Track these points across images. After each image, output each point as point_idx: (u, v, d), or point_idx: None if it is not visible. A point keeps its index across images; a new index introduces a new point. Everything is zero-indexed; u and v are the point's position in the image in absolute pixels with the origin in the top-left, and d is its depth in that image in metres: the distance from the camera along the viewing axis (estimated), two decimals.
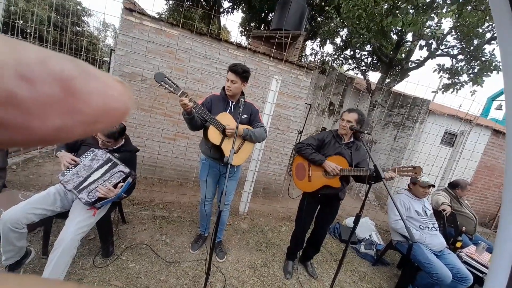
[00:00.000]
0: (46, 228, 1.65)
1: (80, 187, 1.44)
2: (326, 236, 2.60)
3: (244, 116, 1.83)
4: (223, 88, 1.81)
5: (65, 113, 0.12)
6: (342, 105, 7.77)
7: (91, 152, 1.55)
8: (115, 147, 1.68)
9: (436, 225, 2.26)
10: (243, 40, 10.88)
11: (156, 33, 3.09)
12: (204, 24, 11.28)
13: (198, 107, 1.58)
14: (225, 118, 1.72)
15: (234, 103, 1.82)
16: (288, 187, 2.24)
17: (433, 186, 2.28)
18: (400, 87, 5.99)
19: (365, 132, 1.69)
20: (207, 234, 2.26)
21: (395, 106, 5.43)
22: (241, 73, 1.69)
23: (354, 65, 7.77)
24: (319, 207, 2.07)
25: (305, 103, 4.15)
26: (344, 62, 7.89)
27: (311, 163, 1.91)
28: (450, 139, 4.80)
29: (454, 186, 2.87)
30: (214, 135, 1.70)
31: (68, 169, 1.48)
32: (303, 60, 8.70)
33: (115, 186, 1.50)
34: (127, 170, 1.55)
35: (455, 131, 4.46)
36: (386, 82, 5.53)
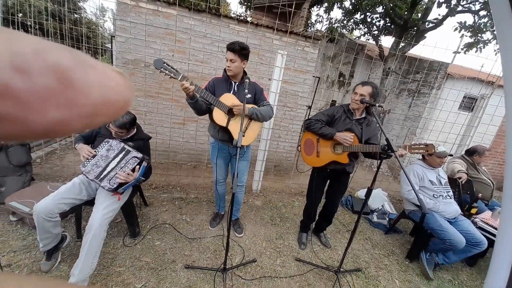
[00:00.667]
0: (76, 214, 1.80)
1: (101, 176, 1.54)
2: (339, 208, 2.67)
3: (249, 96, 1.79)
4: (225, 70, 1.77)
5: (63, 106, 0.12)
6: (352, 75, 7.41)
7: (106, 143, 1.62)
8: (128, 137, 1.74)
9: (451, 193, 2.25)
10: (243, 12, 10.26)
11: (154, 15, 2.98)
12: None
13: (201, 90, 1.57)
14: (229, 99, 1.71)
15: (237, 83, 1.79)
16: (297, 162, 2.26)
17: (451, 155, 2.23)
18: (416, 50, 5.59)
19: (377, 105, 1.63)
20: (223, 212, 2.38)
21: (410, 72, 5.11)
22: (239, 50, 1.64)
23: (365, 30, 7.23)
24: (328, 181, 2.10)
25: (313, 76, 4.00)
26: (354, 27, 7.35)
27: (322, 137, 1.89)
28: (469, 104, 4.53)
29: (471, 153, 2.78)
30: (219, 117, 1.70)
31: (87, 160, 1.56)
32: (309, 29, 8.18)
33: (132, 171, 1.58)
34: (140, 155, 1.62)
35: (475, 95, 4.19)
36: (400, 47, 5.16)
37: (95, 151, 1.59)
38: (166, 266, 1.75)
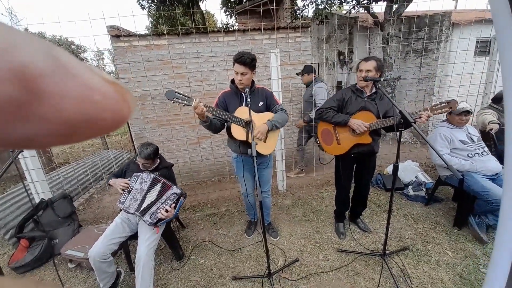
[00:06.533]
0: (125, 249, 1.94)
1: (141, 209, 1.66)
2: (370, 189, 2.60)
3: (261, 103, 1.80)
4: (232, 81, 1.76)
5: (28, 121, 0.10)
6: (352, 51, 7.17)
7: (136, 177, 1.74)
8: (153, 167, 1.87)
9: (487, 148, 2.10)
10: (228, 20, 10.40)
11: (148, 50, 3.14)
12: (187, 18, 10.99)
13: (216, 110, 1.59)
14: (244, 112, 1.69)
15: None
16: (318, 153, 2.24)
17: (468, 112, 2.04)
18: (412, 8, 5.29)
19: (382, 79, 1.58)
20: (256, 219, 2.42)
21: (411, 33, 4.85)
22: (250, 62, 1.61)
23: (354, 2, 6.97)
24: (355, 165, 2.06)
25: (311, 63, 3.95)
26: (342, 1, 7.09)
27: (336, 125, 1.87)
28: (484, 48, 4.18)
29: (498, 99, 2.58)
30: (238, 132, 1.70)
31: (123, 195, 1.70)
32: (297, 17, 8.05)
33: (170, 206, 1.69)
34: (179, 191, 1.73)
35: (488, 38, 3.85)
36: (394, 10, 4.92)
37: (130, 182, 1.72)
38: (215, 281, 1.82)
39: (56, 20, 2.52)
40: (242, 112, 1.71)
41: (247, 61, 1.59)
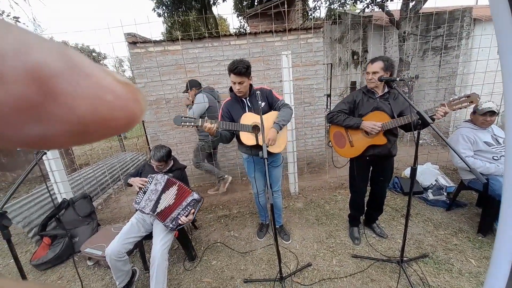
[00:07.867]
0: (140, 249, 2.00)
1: (157, 210, 1.71)
2: (387, 193, 2.51)
3: (263, 104, 1.81)
4: (231, 89, 1.80)
5: (43, 120, 0.10)
6: (367, 50, 7.00)
7: (151, 178, 1.80)
8: (167, 169, 1.92)
9: None
10: (240, 23, 10.51)
11: (162, 55, 3.24)
12: (200, 24, 11.25)
13: (222, 123, 1.64)
14: (249, 118, 1.74)
15: (247, 98, 1.83)
16: (332, 158, 2.20)
17: (494, 112, 1.93)
18: (430, 4, 5.08)
19: (398, 79, 1.53)
20: (268, 221, 2.41)
21: (429, 30, 4.66)
22: (245, 71, 1.64)
23: (368, 0, 6.81)
24: (371, 168, 1.99)
25: (323, 64, 3.89)
26: (355, 0, 6.93)
27: (348, 128, 1.83)
28: None
29: None
30: (247, 139, 1.74)
31: (139, 196, 1.76)
32: (309, 17, 7.98)
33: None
34: (198, 197, 1.78)
35: None
36: (411, 7, 4.75)
37: (147, 179, 1.79)
38: (226, 283, 1.83)
39: (78, 30, 2.66)
40: (247, 118, 1.74)
41: (242, 70, 1.62)
